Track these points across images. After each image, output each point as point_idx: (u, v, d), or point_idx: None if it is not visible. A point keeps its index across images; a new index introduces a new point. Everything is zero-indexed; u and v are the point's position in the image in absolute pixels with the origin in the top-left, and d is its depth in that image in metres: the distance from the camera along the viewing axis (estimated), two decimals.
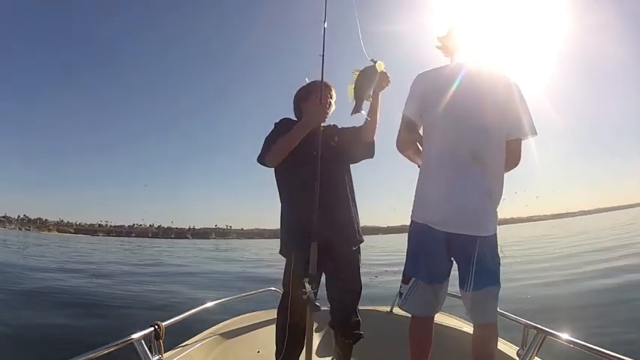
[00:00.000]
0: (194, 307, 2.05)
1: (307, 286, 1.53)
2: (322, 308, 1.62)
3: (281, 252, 1.87)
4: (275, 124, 1.92)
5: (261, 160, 1.85)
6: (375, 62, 1.72)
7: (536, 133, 1.58)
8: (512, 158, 1.61)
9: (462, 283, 1.55)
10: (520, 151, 1.62)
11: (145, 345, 1.45)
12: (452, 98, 1.57)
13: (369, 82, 1.71)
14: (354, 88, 1.72)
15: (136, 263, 16.61)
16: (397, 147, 1.72)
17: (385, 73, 1.75)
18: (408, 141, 1.69)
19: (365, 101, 1.76)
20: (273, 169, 1.91)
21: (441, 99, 1.58)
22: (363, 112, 1.76)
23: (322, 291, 1.80)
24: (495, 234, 1.56)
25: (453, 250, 1.56)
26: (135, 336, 1.41)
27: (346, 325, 1.82)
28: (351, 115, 1.77)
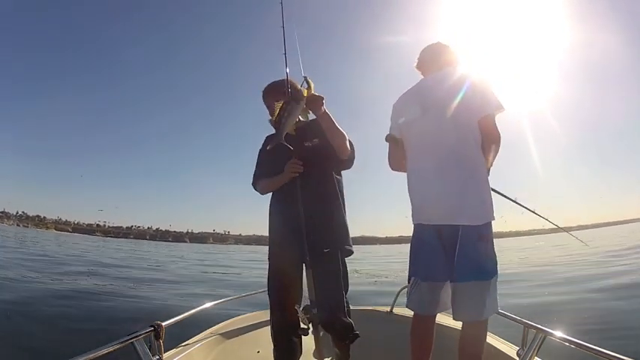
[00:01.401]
0: (194, 307, 2.05)
1: (299, 311, 1.63)
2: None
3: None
4: (259, 151, 2.02)
5: (255, 189, 2.01)
6: (307, 84, 1.68)
7: (503, 108, 1.60)
8: (488, 137, 1.61)
9: (450, 276, 1.56)
10: (493, 127, 1.61)
11: (145, 345, 1.45)
12: (413, 109, 1.74)
13: (289, 115, 1.65)
14: (276, 121, 1.67)
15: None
16: (390, 166, 1.87)
17: (312, 95, 1.68)
18: (397, 158, 1.83)
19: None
20: None
21: (410, 113, 1.75)
22: (285, 143, 1.69)
23: None
24: (484, 226, 1.54)
25: (445, 244, 1.59)
26: (135, 336, 1.41)
27: (334, 327, 1.77)
28: (269, 148, 1.76)
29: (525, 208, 1.98)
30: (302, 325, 1.71)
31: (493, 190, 1.74)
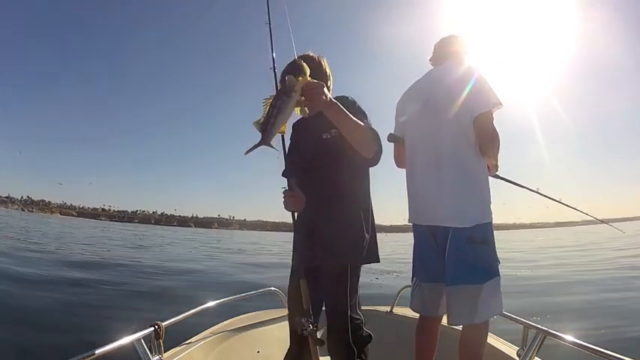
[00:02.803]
0: (194, 307, 2.05)
1: (303, 322, 1.47)
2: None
3: None
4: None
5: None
6: (302, 70, 1.33)
7: (501, 105, 1.53)
8: (485, 135, 1.54)
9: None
10: (488, 124, 1.53)
11: (145, 345, 1.44)
12: (408, 108, 1.74)
13: (279, 112, 1.29)
14: (262, 122, 1.31)
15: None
16: (396, 164, 1.85)
17: (308, 82, 1.30)
18: (402, 156, 1.81)
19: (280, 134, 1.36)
20: None
21: (407, 111, 1.75)
22: (274, 147, 1.37)
23: None
24: (475, 228, 1.49)
25: (439, 245, 1.58)
26: (135, 336, 1.41)
27: (328, 345, 1.56)
28: (246, 153, 1.33)
29: (550, 198, 1.99)
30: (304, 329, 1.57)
31: (514, 183, 1.75)
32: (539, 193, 2.01)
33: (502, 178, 1.79)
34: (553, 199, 2.03)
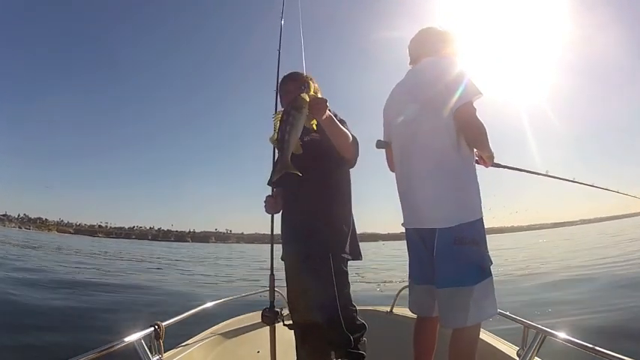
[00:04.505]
0: (194, 307, 2.05)
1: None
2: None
3: None
4: None
5: None
6: (307, 86, 1.46)
7: (480, 93, 1.48)
8: (467, 129, 1.49)
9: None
10: (470, 116, 1.47)
11: (145, 345, 1.44)
12: (390, 112, 1.75)
13: (292, 127, 1.38)
14: (277, 139, 1.42)
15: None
16: (389, 168, 1.84)
17: (315, 98, 1.45)
18: (391, 160, 1.81)
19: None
20: None
21: (390, 115, 1.75)
22: (295, 170, 1.45)
23: None
24: (461, 227, 1.45)
25: (427, 247, 1.55)
26: (135, 336, 1.41)
27: (309, 338, 1.69)
28: (272, 181, 1.77)
29: (563, 179, 2.04)
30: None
31: (519, 169, 1.76)
32: (549, 176, 1.98)
33: (504, 167, 1.74)
34: (567, 180, 2.04)
